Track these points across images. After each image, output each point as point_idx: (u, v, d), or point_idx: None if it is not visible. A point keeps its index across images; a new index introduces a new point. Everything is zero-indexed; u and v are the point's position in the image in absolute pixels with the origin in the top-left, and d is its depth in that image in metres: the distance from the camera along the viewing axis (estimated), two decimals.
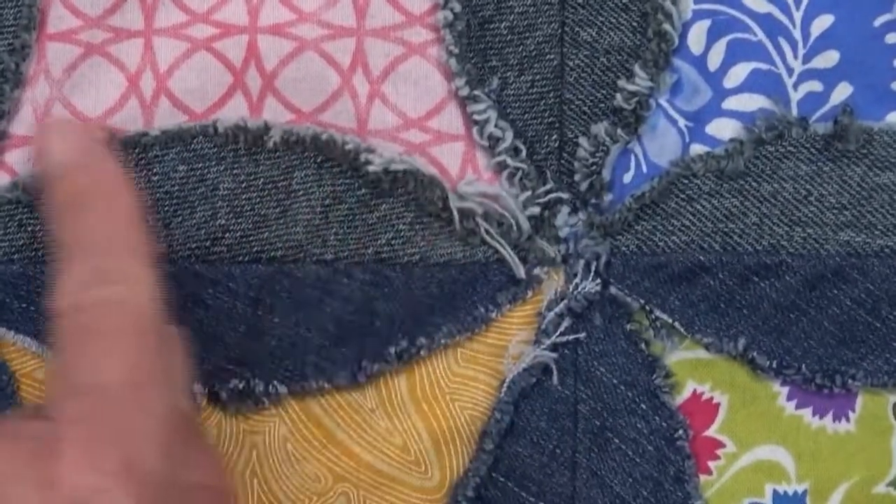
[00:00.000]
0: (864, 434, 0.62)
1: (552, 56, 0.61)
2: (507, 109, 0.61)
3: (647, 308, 0.62)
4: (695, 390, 0.62)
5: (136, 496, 0.46)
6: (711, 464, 0.62)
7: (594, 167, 0.61)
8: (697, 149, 0.62)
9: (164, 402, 0.49)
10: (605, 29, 0.61)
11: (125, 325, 0.50)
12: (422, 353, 0.61)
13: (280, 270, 0.60)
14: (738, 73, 0.61)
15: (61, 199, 0.53)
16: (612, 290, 0.61)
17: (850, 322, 0.61)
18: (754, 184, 0.61)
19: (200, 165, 0.60)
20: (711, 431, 0.62)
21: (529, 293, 0.61)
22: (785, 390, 0.62)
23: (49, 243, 0.60)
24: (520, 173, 0.61)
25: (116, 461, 0.46)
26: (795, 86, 0.62)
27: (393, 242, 0.61)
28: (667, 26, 0.60)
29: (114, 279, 0.51)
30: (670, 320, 0.61)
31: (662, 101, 0.62)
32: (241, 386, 0.61)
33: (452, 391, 0.61)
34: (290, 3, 0.61)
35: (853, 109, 0.61)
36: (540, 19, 0.61)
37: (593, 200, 0.61)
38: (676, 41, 0.61)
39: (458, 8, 0.60)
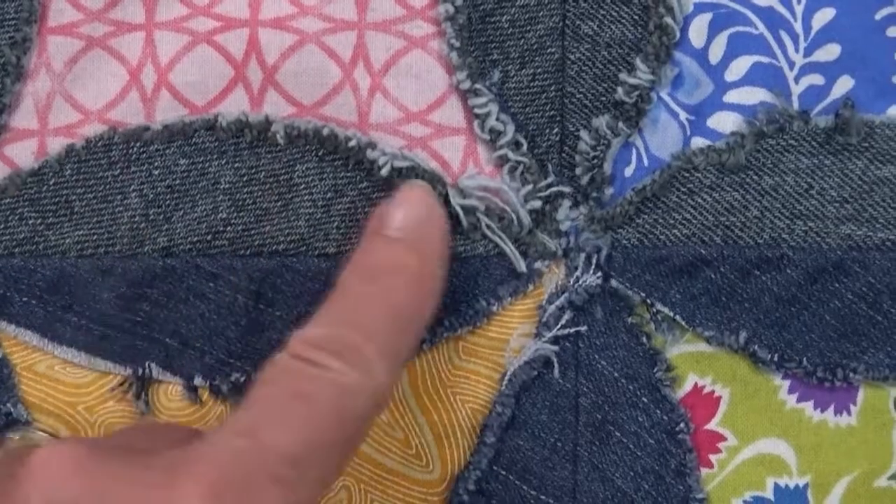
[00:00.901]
0: (866, 428, 0.62)
1: (553, 49, 0.61)
2: (508, 103, 0.61)
3: (649, 301, 0.62)
4: (696, 383, 0.62)
5: None
6: (713, 457, 0.62)
7: (595, 161, 0.61)
8: (698, 142, 0.62)
9: (301, 492, 0.47)
10: (606, 22, 0.61)
11: (324, 403, 0.48)
12: (423, 346, 0.61)
13: (282, 264, 0.60)
14: (740, 66, 0.61)
15: (376, 255, 0.53)
16: (613, 283, 0.61)
17: (851, 315, 0.61)
18: (755, 177, 0.61)
19: (202, 159, 0.61)
20: (713, 425, 0.62)
21: (530, 287, 0.61)
22: (786, 384, 0.62)
23: (50, 237, 0.60)
24: (521, 167, 0.61)
25: None
26: (797, 79, 0.62)
27: None
28: (668, 19, 0.60)
29: (350, 360, 0.50)
30: (671, 313, 0.61)
31: (664, 95, 0.62)
32: (242, 380, 0.61)
33: (453, 384, 0.61)
34: None
35: (854, 103, 0.61)
36: (541, 12, 0.61)
37: (594, 194, 0.61)
38: (678, 34, 0.61)
39: (459, 1, 0.60)
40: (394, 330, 0.52)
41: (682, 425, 0.62)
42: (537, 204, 0.61)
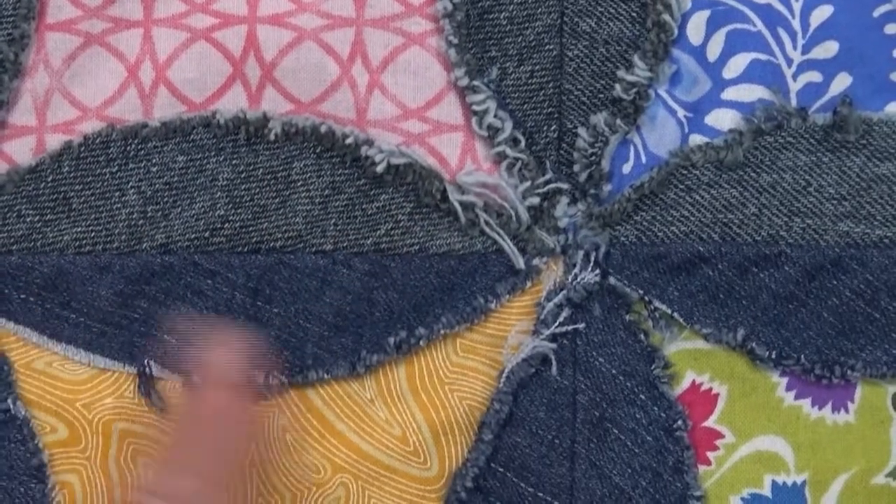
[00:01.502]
0: (863, 425, 0.62)
1: (551, 46, 0.61)
2: (506, 100, 0.61)
3: (647, 298, 0.62)
4: (694, 381, 0.62)
5: None
6: (710, 454, 0.62)
7: (593, 157, 0.61)
8: (696, 139, 0.62)
9: None
10: (604, 19, 0.61)
11: None
12: (421, 343, 0.61)
13: (279, 261, 0.60)
14: (738, 63, 0.61)
15: (201, 408, 0.57)
16: (612, 280, 0.61)
17: (849, 313, 0.61)
18: (753, 174, 0.61)
19: (200, 156, 0.61)
20: (710, 422, 0.62)
21: (528, 284, 0.61)
22: (784, 381, 0.62)
23: (48, 234, 0.60)
24: (519, 164, 0.61)
25: None
26: (795, 76, 0.62)
27: (392, 233, 0.61)
28: (666, 17, 0.60)
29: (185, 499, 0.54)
30: (669, 311, 0.61)
31: (661, 92, 0.62)
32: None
33: (451, 381, 0.61)
34: None
35: (852, 100, 0.61)
36: (539, 9, 0.61)
37: (592, 191, 0.61)
38: (676, 32, 0.61)
39: None
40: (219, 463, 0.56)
41: (679, 422, 0.62)
42: (535, 200, 0.61)
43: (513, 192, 0.61)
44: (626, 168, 0.62)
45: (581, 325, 0.62)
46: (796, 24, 0.61)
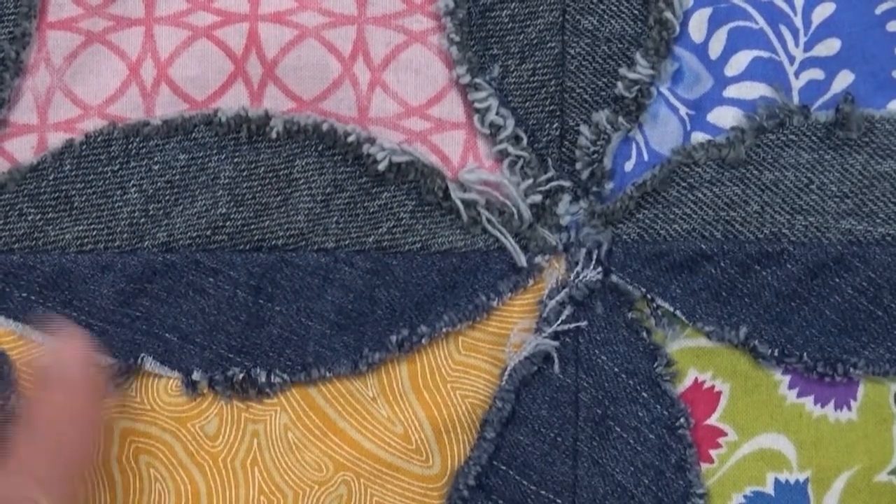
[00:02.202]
0: (866, 422, 0.62)
1: (553, 44, 0.61)
2: (508, 97, 0.61)
3: (649, 296, 0.62)
4: (696, 379, 0.62)
5: None
6: (713, 452, 0.62)
7: (595, 155, 0.61)
8: (698, 137, 0.62)
9: None
10: (606, 17, 0.61)
11: None
12: (423, 341, 0.61)
13: (281, 259, 0.60)
14: (740, 60, 0.61)
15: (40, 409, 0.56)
16: (614, 278, 0.61)
17: (851, 310, 0.61)
18: (755, 172, 0.61)
19: (201, 154, 0.61)
20: (713, 420, 0.62)
21: (531, 281, 0.61)
22: (787, 379, 0.62)
23: (49, 233, 0.60)
24: (521, 161, 0.61)
25: None
26: (797, 74, 0.62)
27: (394, 231, 0.61)
28: (668, 14, 0.60)
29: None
30: (672, 308, 0.61)
31: (663, 90, 0.62)
32: (241, 375, 0.61)
33: (453, 379, 0.61)
34: None
35: (854, 97, 0.61)
36: (541, 7, 0.61)
37: (594, 188, 0.61)
38: (678, 29, 0.61)
39: None
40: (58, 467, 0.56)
41: (682, 420, 0.62)
42: (537, 198, 0.61)
43: (515, 189, 0.61)
44: (629, 166, 0.62)
45: (583, 323, 0.62)
46: (798, 21, 0.61)
